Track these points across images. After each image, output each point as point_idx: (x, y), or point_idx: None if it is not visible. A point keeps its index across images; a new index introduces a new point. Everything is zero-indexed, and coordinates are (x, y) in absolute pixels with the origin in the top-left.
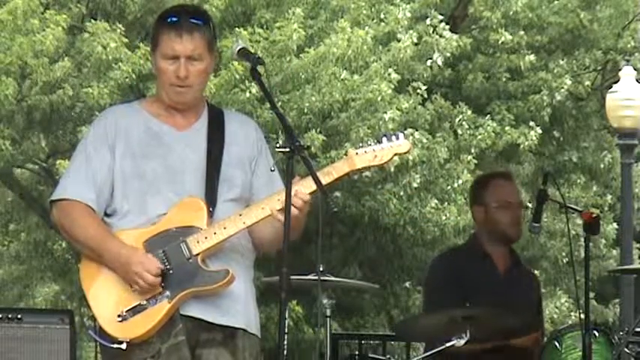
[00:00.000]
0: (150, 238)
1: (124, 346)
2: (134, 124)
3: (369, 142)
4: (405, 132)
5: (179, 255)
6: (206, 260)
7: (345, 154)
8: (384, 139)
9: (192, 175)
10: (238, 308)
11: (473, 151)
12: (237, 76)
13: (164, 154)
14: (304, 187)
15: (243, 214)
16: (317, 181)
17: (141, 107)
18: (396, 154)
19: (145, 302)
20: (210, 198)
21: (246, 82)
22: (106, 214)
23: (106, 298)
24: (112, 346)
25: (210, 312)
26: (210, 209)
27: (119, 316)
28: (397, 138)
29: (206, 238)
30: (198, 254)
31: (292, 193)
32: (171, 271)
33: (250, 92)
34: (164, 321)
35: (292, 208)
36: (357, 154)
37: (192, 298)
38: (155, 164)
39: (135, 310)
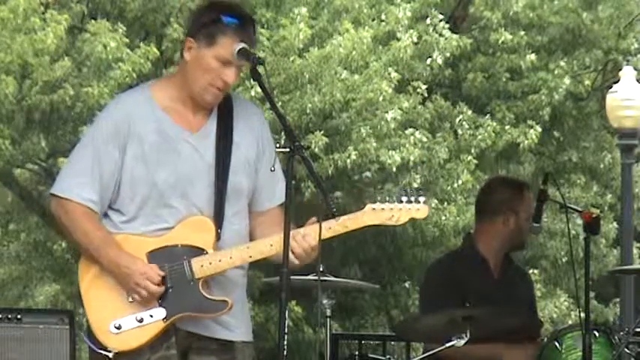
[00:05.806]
0: (154, 250)
1: (111, 354)
2: (146, 123)
3: (387, 199)
4: (406, 132)
5: (181, 274)
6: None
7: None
8: (404, 198)
9: (201, 186)
10: (236, 322)
11: (473, 151)
12: (241, 74)
13: (175, 160)
14: (314, 234)
15: (250, 247)
16: (317, 181)
17: (151, 95)
18: (411, 219)
19: (140, 315)
20: (218, 215)
21: (250, 80)
22: (111, 208)
23: (101, 304)
24: (99, 351)
25: (207, 326)
26: (219, 230)
27: (114, 326)
28: (418, 202)
29: (210, 263)
30: (200, 278)
31: (302, 236)
32: (170, 290)
33: (255, 91)
34: (158, 337)
35: (298, 251)
36: (373, 209)
37: None
38: (167, 174)
39: (130, 323)
